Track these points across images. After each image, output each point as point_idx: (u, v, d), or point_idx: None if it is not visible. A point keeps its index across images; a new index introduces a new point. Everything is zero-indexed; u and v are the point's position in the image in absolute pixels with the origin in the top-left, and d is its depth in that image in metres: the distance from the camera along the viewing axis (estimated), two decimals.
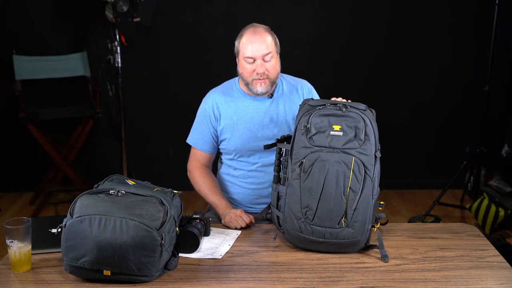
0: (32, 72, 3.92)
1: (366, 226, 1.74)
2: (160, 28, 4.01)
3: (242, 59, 2.11)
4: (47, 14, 4.01)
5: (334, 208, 1.71)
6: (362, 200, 1.71)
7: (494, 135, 4.11)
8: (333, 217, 1.72)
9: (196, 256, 1.77)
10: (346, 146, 1.73)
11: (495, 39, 3.54)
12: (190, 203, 3.80)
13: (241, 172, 2.23)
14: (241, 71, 2.13)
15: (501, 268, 1.70)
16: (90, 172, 4.22)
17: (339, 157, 1.71)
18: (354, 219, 1.71)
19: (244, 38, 2.09)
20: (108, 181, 1.77)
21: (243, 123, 2.17)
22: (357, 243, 1.76)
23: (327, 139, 1.74)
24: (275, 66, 2.11)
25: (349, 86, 4.04)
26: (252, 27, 2.12)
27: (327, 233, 1.73)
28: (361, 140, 1.73)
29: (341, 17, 4.07)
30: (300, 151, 1.76)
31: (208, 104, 2.21)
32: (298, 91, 2.23)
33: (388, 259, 1.73)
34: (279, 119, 2.18)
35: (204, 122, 2.22)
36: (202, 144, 2.24)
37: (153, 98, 4.17)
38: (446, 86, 4.17)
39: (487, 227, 3.49)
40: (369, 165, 1.72)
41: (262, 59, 2.07)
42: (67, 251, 1.57)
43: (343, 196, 1.70)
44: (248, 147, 2.18)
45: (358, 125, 1.74)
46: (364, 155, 1.72)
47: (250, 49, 2.07)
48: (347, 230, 1.72)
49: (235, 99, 2.20)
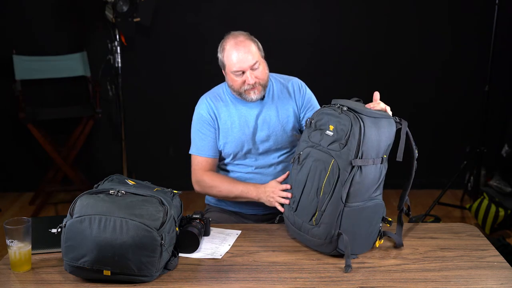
0: (32, 72, 3.92)
1: (333, 231, 1.70)
2: (160, 28, 4.01)
3: (230, 73, 2.08)
4: (47, 14, 4.01)
5: (309, 204, 1.76)
6: (331, 203, 1.69)
7: (494, 135, 4.11)
8: (307, 213, 1.77)
9: (196, 256, 1.77)
10: (330, 147, 1.73)
11: (495, 39, 3.54)
12: (190, 203, 3.80)
13: (238, 174, 2.22)
14: (231, 83, 2.11)
15: (501, 268, 1.70)
16: (90, 172, 4.22)
17: (322, 156, 1.74)
18: (322, 220, 1.72)
19: (228, 52, 2.06)
20: (108, 181, 1.77)
21: (237, 127, 2.16)
22: (322, 246, 1.74)
23: (320, 137, 1.77)
24: (263, 71, 2.10)
25: (349, 86, 4.04)
26: (232, 37, 2.08)
27: (303, 227, 1.78)
28: (342, 144, 1.69)
29: (341, 17, 4.07)
30: (301, 144, 1.84)
31: (203, 110, 2.19)
32: (289, 90, 2.21)
33: (351, 269, 1.66)
34: (272, 121, 2.17)
35: (204, 128, 2.19)
36: (208, 150, 2.19)
37: (153, 98, 4.17)
38: (446, 86, 4.17)
39: (487, 227, 3.49)
40: (343, 170, 1.68)
41: (251, 69, 2.05)
42: (67, 251, 1.57)
43: (316, 194, 1.74)
44: (244, 150, 2.18)
45: (344, 128, 1.70)
46: (341, 159, 1.69)
47: (237, 62, 2.04)
48: (316, 229, 1.74)
49: (226, 104, 2.18)
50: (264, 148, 2.18)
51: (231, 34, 2.10)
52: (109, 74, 3.77)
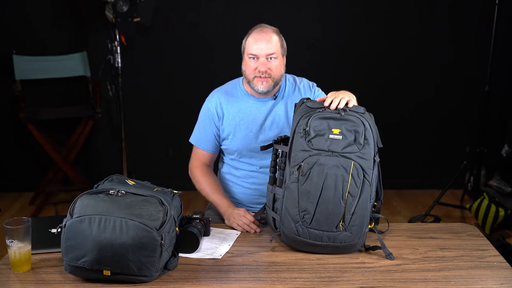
0: (32, 72, 3.92)
1: (363, 230, 1.75)
2: (160, 28, 4.01)
3: (246, 56, 2.11)
4: (47, 14, 4.01)
5: (332, 212, 1.70)
6: (360, 204, 1.71)
7: (494, 135, 4.11)
8: (331, 221, 1.71)
9: (196, 256, 1.77)
10: (345, 150, 1.72)
11: (495, 39, 3.54)
12: (190, 203, 3.80)
13: (242, 172, 2.23)
14: (244, 68, 2.13)
15: (501, 268, 1.70)
16: (90, 172, 4.22)
17: (338, 161, 1.70)
18: (352, 223, 1.71)
19: (251, 37, 2.10)
20: (108, 181, 1.76)
21: (245, 124, 2.17)
22: (354, 246, 1.76)
23: (326, 142, 1.73)
24: (278, 67, 2.10)
25: (349, 87, 4.00)
26: (260, 26, 2.13)
27: (325, 236, 1.73)
28: (361, 144, 1.72)
29: (341, 17, 4.07)
30: (298, 154, 1.75)
31: (211, 104, 2.21)
32: (300, 91, 2.22)
33: (393, 256, 1.74)
34: (281, 121, 2.17)
35: (207, 121, 2.21)
36: (205, 143, 2.23)
37: (153, 98, 4.17)
38: (446, 86, 4.17)
39: (487, 227, 3.49)
40: (367, 169, 1.71)
41: (266, 58, 2.07)
42: (67, 251, 1.57)
43: (341, 200, 1.70)
44: (250, 148, 2.18)
45: (358, 129, 1.73)
46: (363, 159, 1.71)
47: (255, 47, 2.07)
48: (344, 234, 1.72)
49: (238, 99, 2.19)
50: (270, 148, 2.17)
51: (261, 24, 2.15)
52: (109, 74, 3.77)
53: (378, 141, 1.80)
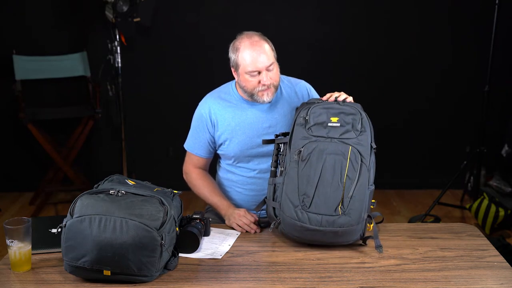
0: (32, 72, 3.92)
1: (362, 215, 1.76)
2: (160, 28, 4.01)
3: (244, 74, 2.05)
4: (47, 14, 4.01)
5: (331, 195, 1.75)
6: (359, 188, 1.75)
7: (494, 135, 4.10)
8: (330, 204, 1.74)
9: (196, 256, 1.77)
10: (343, 136, 1.81)
11: (495, 39, 3.54)
12: (190, 203, 3.80)
13: (240, 178, 2.21)
14: (244, 84, 2.07)
15: (501, 268, 1.70)
16: (90, 172, 4.22)
17: (336, 146, 1.79)
18: (350, 207, 1.74)
19: (243, 52, 2.03)
20: (108, 181, 1.76)
21: (242, 129, 2.14)
22: (353, 232, 1.76)
23: (325, 129, 1.82)
24: (277, 73, 2.08)
25: (349, 87, 3.99)
26: (246, 37, 2.05)
27: (324, 220, 1.74)
28: (358, 130, 1.81)
29: (341, 17, 4.07)
30: (298, 142, 1.83)
31: (204, 109, 2.17)
32: (297, 94, 2.20)
33: (382, 249, 1.76)
34: (278, 125, 2.14)
35: (200, 128, 2.18)
36: (198, 149, 2.21)
37: (153, 98, 4.17)
38: (446, 86, 4.17)
39: (487, 227, 3.49)
40: (365, 154, 1.78)
41: (266, 70, 2.03)
42: (67, 251, 1.57)
43: (340, 183, 1.75)
44: (247, 153, 2.16)
45: (355, 117, 1.83)
46: (360, 145, 1.79)
47: (253, 63, 2.01)
48: (343, 218, 1.74)
49: (232, 105, 2.16)
50: (268, 152, 2.14)
51: (244, 34, 2.07)
52: (109, 74, 3.77)
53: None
